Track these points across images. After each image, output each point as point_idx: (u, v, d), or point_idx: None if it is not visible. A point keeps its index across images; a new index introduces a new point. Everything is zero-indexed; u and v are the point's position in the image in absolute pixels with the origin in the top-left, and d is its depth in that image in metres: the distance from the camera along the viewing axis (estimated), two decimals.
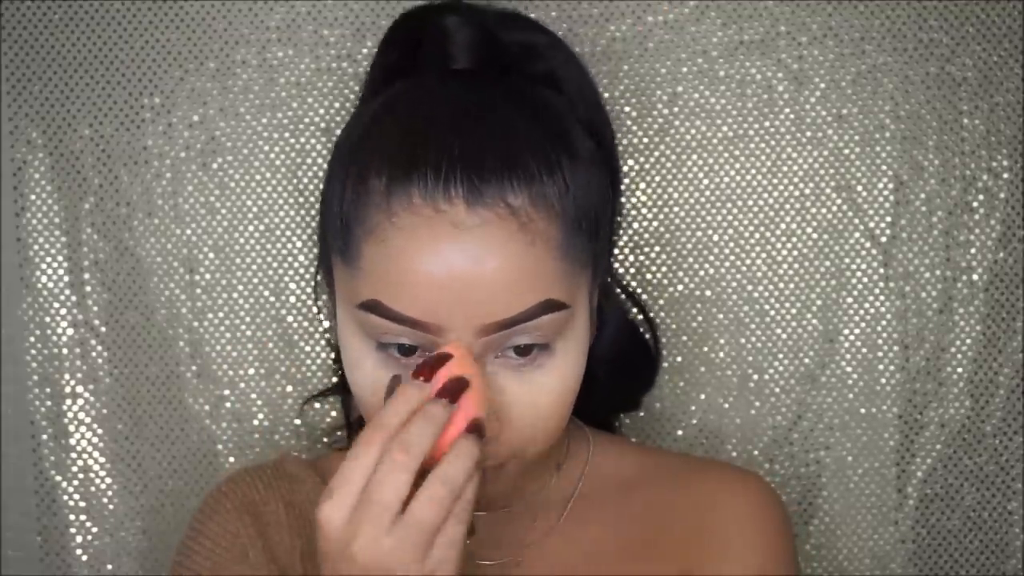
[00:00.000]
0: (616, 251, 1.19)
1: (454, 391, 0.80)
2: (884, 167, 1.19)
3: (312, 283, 1.18)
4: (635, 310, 1.11)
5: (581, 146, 0.90)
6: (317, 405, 1.19)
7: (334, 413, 1.19)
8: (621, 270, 1.19)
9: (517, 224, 0.83)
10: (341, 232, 0.87)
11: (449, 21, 0.96)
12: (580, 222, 0.87)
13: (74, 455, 1.20)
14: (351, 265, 0.86)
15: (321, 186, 1.17)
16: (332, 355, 1.15)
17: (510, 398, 0.85)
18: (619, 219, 1.15)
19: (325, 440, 1.19)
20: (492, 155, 0.84)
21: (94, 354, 1.19)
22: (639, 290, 1.19)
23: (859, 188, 1.19)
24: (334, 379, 1.14)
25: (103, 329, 1.19)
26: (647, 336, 1.10)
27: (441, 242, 0.82)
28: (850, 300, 1.20)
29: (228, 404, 1.19)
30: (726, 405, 1.20)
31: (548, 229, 0.84)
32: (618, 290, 1.09)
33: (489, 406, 0.83)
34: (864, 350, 1.20)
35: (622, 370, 1.08)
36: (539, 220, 0.84)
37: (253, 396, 1.19)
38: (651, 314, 1.19)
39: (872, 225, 1.19)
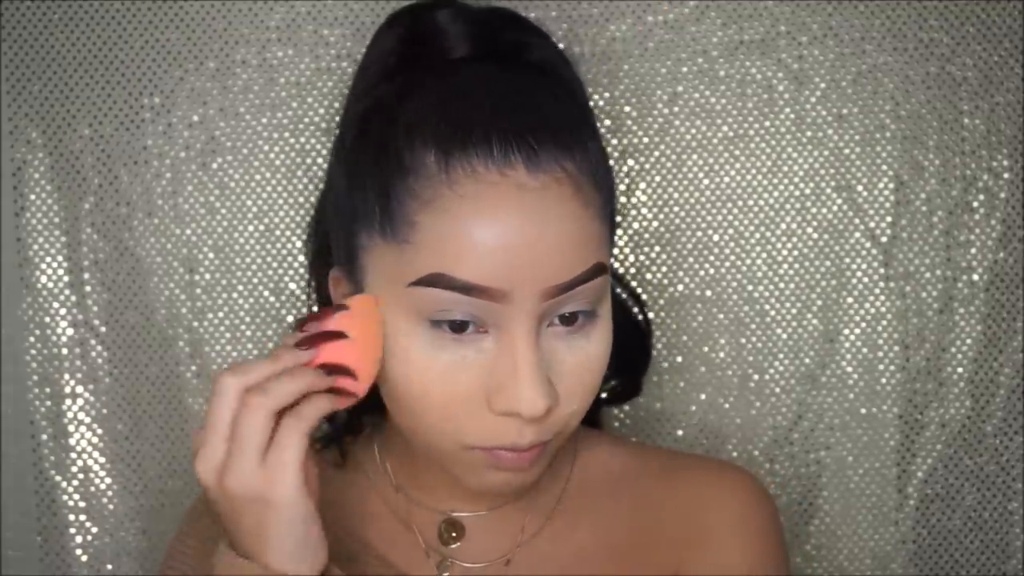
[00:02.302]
0: (616, 251, 1.19)
1: (335, 370, 0.83)
2: (884, 167, 1.19)
3: (312, 283, 1.18)
4: (621, 291, 1.11)
5: (595, 124, 0.93)
6: None
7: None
8: (621, 270, 1.19)
9: (573, 188, 0.85)
10: (382, 210, 0.86)
11: (440, 16, 0.97)
12: (611, 191, 0.90)
13: (74, 455, 1.20)
14: (400, 242, 0.85)
15: (320, 185, 1.17)
16: None
17: (564, 368, 0.86)
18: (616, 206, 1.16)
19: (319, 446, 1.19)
20: (539, 126, 0.85)
21: (94, 354, 1.19)
22: (639, 290, 1.19)
23: (859, 188, 1.19)
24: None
25: (103, 329, 1.19)
26: (638, 314, 1.10)
27: (506, 206, 0.83)
28: (850, 300, 1.20)
29: None
30: (726, 405, 1.20)
31: (593, 193, 0.87)
32: (617, 285, 1.09)
33: (547, 379, 0.85)
34: (864, 350, 1.20)
35: (624, 352, 1.08)
36: (586, 185, 0.86)
37: None
38: (651, 314, 1.19)
39: (872, 225, 1.19)
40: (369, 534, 0.97)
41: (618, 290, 1.09)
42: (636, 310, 1.10)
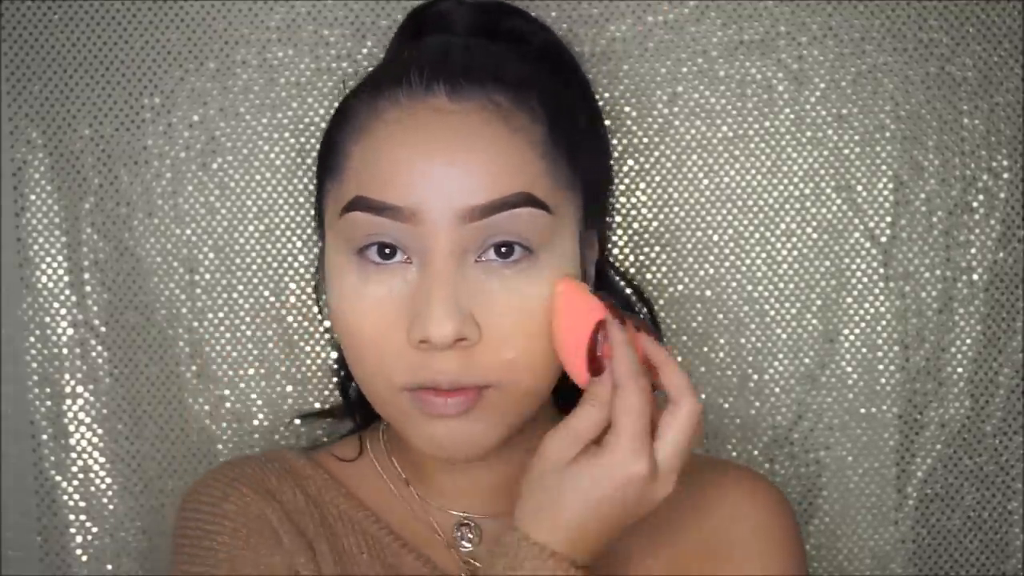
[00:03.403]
0: (616, 251, 1.19)
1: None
2: (884, 167, 1.19)
3: (312, 283, 1.18)
4: (638, 302, 1.10)
5: (570, 93, 0.94)
6: (317, 405, 1.19)
7: (298, 422, 1.19)
8: (621, 270, 1.19)
9: (500, 115, 0.85)
10: (328, 152, 0.90)
11: (444, 5, 1.00)
12: (563, 141, 0.88)
13: (74, 455, 1.20)
14: (338, 175, 0.88)
15: None
16: (337, 366, 1.14)
17: (492, 303, 0.84)
18: (612, 201, 1.16)
19: (325, 440, 1.19)
20: (476, 66, 0.87)
21: (94, 354, 1.19)
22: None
23: (859, 188, 1.19)
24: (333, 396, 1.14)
25: (103, 329, 1.19)
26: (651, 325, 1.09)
27: (422, 127, 0.85)
28: (850, 300, 1.20)
29: (228, 404, 1.19)
30: (726, 405, 1.20)
31: (531, 127, 0.86)
32: (620, 280, 1.08)
33: (467, 310, 0.84)
34: (864, 350, 1.20)
35: None
36: (522, 118, 0.86)
37: (253, 396, 1.19)
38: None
39: (872, 225, 1.19)
40: (394, 522, 0.96)
41: (633, 301, 1.08)
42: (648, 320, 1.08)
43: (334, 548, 0.93)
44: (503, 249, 0.85)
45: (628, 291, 1.09)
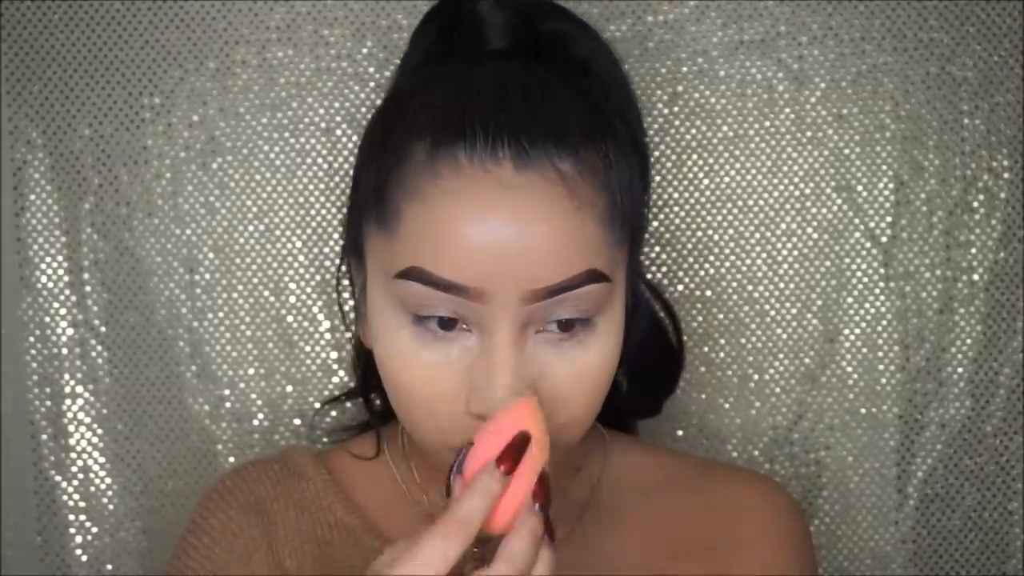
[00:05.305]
0: None
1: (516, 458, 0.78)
2: (884, 167, 1.19)
3: (311, 282, 1.18)
4: (662, 312, 1.09)
5: (618, 128, 0.90)
6: (317, 404, 1.19)
7: (334, 413, 1.19)
8: (652, 283, 1.18)
9: (564, 188, 0.82)
10: (377, 199, 0.86)
11: (482, 6, 0.96)
12: (621, 197, 0.86)
13: (74, 455, 1.20)
14: (388, 232, 0.84)
15: (320, 185, 1.17)
16: (353, 353, 1.13)
17: (551, 376, 0.84)
18: (648, 214, 1.14)
19: (325, 440, 1.19)
20: (538, 123, 0.83)
21: (94, 354, 1.19)
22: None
23: (859, 188, 1.19)
24: (351, 383, 1.13)
25: (103, 329, 1.19)
26: (672, 339, 1.09)
27: (488, 203, 0.81)
28: (850, 300, 1.20)
29: (228, 404, 1.19)
30: (726, 405, 1.20)
31: (593, 196, 0.83)
32: (646, 291, 1.07)
33: (526, 382, 0.82)
34: (864, 350, 1.20)
35: (646, 371, 1.06)
36: (585, 186, 0.83)
37: (253, 396, 1.19)
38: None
39: (872, 225, 1.19)
40: (394, 532, 0.95)
41: (656, 308, 1.08)
42: (673, 337, 1.08)
43: (320, 561, 0.94)
44: (564, 322, 0.84)
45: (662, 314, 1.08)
